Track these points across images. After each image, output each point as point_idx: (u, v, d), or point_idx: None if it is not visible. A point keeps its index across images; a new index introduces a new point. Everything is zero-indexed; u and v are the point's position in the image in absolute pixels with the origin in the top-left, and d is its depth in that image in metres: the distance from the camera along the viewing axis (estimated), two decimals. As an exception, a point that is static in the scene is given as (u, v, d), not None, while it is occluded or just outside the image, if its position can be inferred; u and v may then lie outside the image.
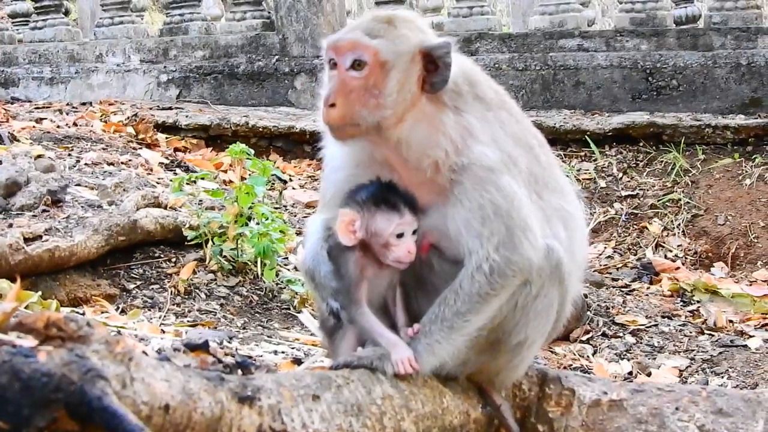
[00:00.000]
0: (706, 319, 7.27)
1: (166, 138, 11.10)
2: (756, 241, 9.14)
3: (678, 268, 8.63)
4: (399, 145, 3.66)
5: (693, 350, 6.67)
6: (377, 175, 3.73)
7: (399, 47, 3.62)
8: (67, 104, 12.62)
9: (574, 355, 6.56)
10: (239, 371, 3.60)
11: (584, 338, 6.89)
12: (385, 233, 3.64)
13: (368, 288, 3.72)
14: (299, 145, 11.31)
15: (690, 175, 9.88)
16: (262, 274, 6.68)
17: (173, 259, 6.78)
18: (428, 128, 3.64)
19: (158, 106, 12.43)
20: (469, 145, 3.61)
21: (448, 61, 3.63)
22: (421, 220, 3.69)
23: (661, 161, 10.13)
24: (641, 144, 10.36)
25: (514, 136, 3.72)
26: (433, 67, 3.64)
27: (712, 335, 6.95)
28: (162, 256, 6.79)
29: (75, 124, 10.92)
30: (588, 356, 6.59)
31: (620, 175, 10.11)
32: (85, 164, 8.52)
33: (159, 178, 8.70)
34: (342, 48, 3.64)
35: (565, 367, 6.23)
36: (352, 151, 3.83)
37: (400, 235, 3.64)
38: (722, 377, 6.18)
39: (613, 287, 8.07)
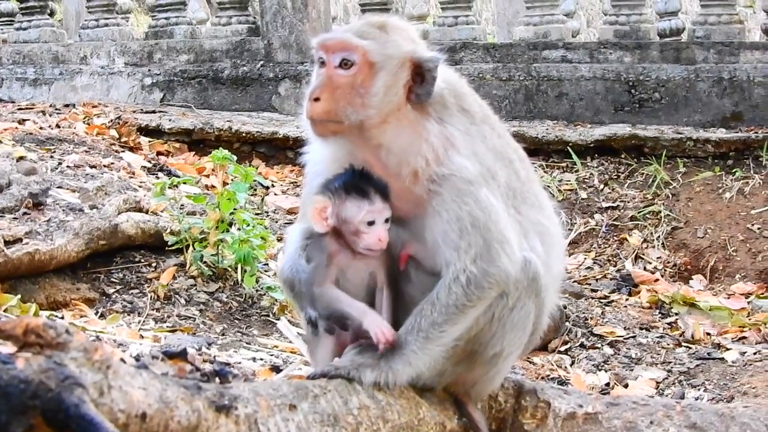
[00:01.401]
0: (683, 332, 7.29)
1: (149, 141, 11.06)
2: (734, 254, 9.17)
3: (657, 280, 8.66)
4: (380, 149, 3.70)
5: (670, 362, 6.70)
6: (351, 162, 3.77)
7: (388, 51, 3.67)
8: (51, 106, 12.56)
9: (552, 365, 6.59)
10: (217, 380, 3.61)
11: (562, 349, 6.91)
12: (355, 220, 3.68)
13: (342, 276, 3.76)
14: (282, 150, 11.29)
15: (670, 187, 9.91)
16: (242, 281, 6.69)
17: (153, 264, 6.78)
18: (411, 135, 3.67)
19: (142, 110, 12.38)
20: (449, 156, 3.64)
21: (435, 75, 3.68)
22: (398, 230, 3.72)
23: (642, 173, 10.16)
24: (623, 156, 10.39)
25: (495, 150, 3.75)
26: (420, 78, 3.68)
27: (690, 348, 6.98)
28: (142, 260, 6.79)
29: (58, 126, 10.89)
30: (566, 367, 6.61)
31: (601, 186, 10.14)
32: (68, 167, 8.50)
33: (141, 182, 8.69)
34: (332, 46, 3.68)
35: (543, 378, 6.25)
36: (333, 157, 3.85)
37: (371, 223, 3.67)
38: (699, 390, 6.19)
39: (592, 298, 8.09)
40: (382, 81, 3.64)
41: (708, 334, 7.27)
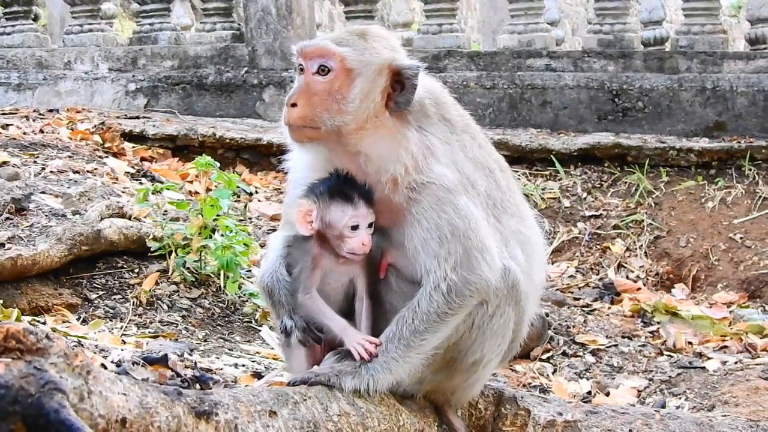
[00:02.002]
0: (665, 340, 7.31)
1: (133, 147, 11.04)
2: (716, 263, 9.21)
3: (639, 288, 8.68)
4: (358, 156, 3.71)
5: (652, 371, 6.71)
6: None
7: (366, 58, 3.69)
8: (34, 111, 12.52)
9: (534, 373, 6.59)
10: (197, 386, 3.61)
11: (544, 357, 6.92)
12: (339, 225, 3.70)
13: (324, 280, 3.79)
14: (266, 157, 11.28)
15: (653, 196, 9.95)
16: (224, 287, 6.68)
17: (136, 270, 6.76)
18: (390, 142, 3.69)
19: (126, 115, 12.36)
20: (429, 164, 3.66)
21: (414, 84, 3.69)
22: (378, 239, 3.74)
23: (625, 182, 10.20)
24: (606, 164, 10.42)
25: (475, 159, 3.77)
26: (399, 86, 3.70)
27: (671, 356, 6.99)
28: (125, 266, 6.77)
29: (41, 131, 10.86)
30: (548, 375, 6.61)
31: (584, 194, 10.17)
32: (51, 172, 8.49)
33: (125, 188, 8.67)
34: (309, 53, 3.71)
35: (525, 386, 6.26)
36: (313, 165, 3.87)
37: (355, 228, 3.70)
38: (680, 398, 6.20)
39: (575, 306, 8.10)
40: (359, 87, 3.66)
41: (690, 343, 7.29)
